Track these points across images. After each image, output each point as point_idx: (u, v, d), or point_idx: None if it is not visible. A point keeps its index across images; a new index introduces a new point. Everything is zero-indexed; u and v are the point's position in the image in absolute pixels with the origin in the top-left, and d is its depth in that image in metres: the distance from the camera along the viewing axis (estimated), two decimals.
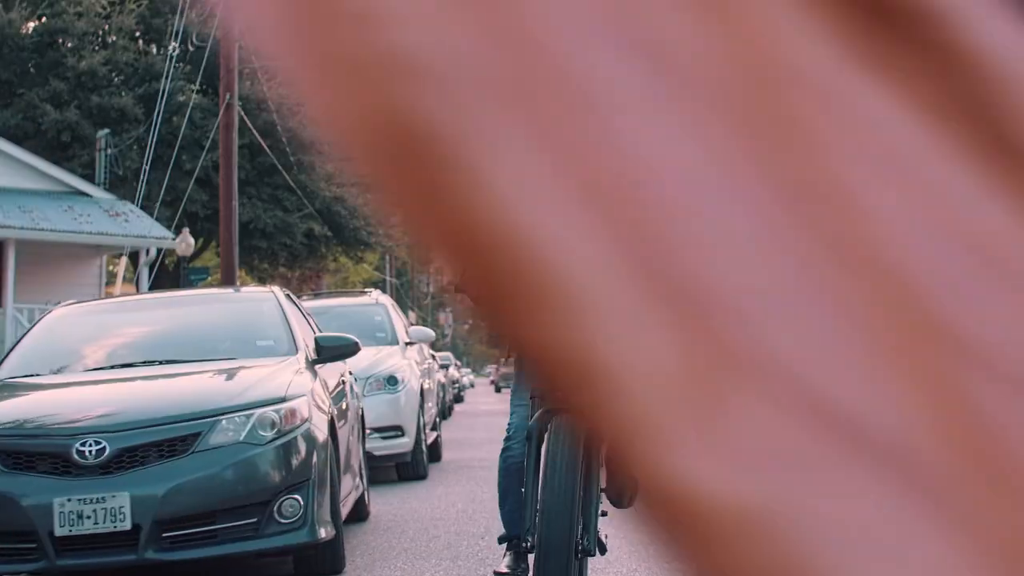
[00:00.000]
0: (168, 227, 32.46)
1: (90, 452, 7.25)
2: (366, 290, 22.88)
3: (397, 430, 14.41)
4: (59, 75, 35.00)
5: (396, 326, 16.92)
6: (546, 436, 6.05)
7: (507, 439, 6.86)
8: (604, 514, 6.53)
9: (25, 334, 9.54)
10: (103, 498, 7.18)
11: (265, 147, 33.07)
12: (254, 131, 30.68)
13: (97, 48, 36.06)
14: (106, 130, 33.47)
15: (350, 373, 10.68)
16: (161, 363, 8.68)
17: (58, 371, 8.82)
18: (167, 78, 31.05)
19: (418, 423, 15.17)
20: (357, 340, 9.57)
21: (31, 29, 35.39)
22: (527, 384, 6.50)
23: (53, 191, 29.18)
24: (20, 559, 7.38)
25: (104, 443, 7.27)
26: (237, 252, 26.71)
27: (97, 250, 30.31)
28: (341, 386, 9.70)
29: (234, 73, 25.75)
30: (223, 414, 7.58)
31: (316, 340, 9.18)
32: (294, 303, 10.11)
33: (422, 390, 16.11)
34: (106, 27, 36.51)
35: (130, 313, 10.08)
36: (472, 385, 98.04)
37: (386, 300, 17.94)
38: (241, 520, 7.50)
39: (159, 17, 37.28)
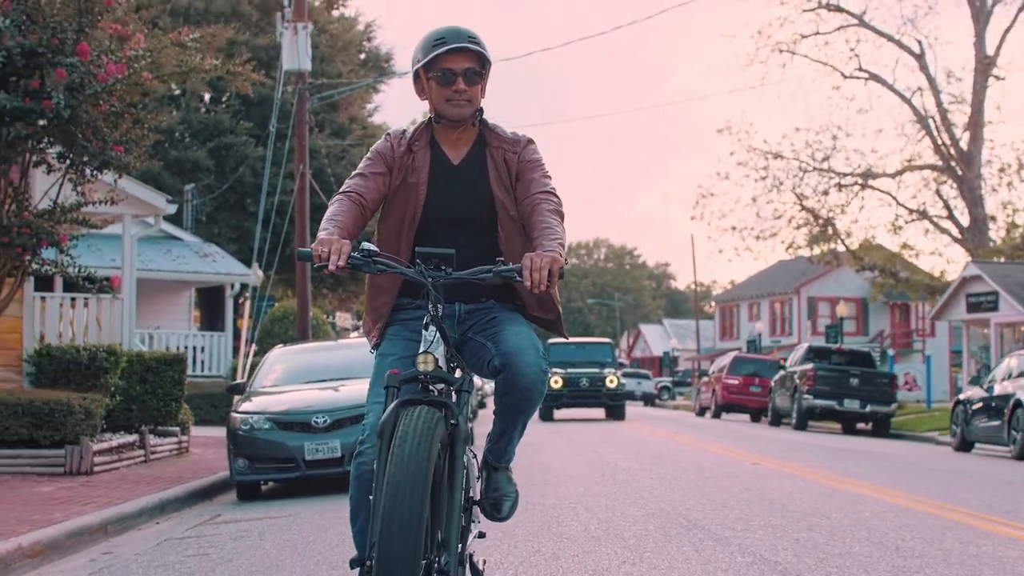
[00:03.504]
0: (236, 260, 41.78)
1: (321, 421, 16.60)
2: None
3: None
4: (135, 117, 44.15)
5: None
6: (393, 434, 5.43)
7: (360, 442, 6.23)
8: (482, 535, 6.23)
9: (260, 364, 19.08)
10: (327, 442, 16.52)
11: (317, 188, 42.08)
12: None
13: (174, 110, 45.37)
14: (192, 184, 42.93)
15: None
16: (342, 379, 18.09)
17: (286, 383, 18.26)
18: (270, 151, 39.63)
19: (465, 413, 24.59)
20: None
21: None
22: (385, 375, 5.96)
23: (152, 236, 38.50)
24: (287, 472, 16.77)
25: (327, 417, 16.64)
26: (310, 287, 36.12)
27: (187, 284, 39.76)
28: None
29: (306, 149, 35.12)
30: None
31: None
32: None
33: None
34: (181, 91, 45.84)
35: (316, 352, 19.69)
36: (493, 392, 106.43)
37: None
38: None
39: (223, 79, 46.70)
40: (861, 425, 39.97)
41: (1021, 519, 12.17)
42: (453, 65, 6.20)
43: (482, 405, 66.28)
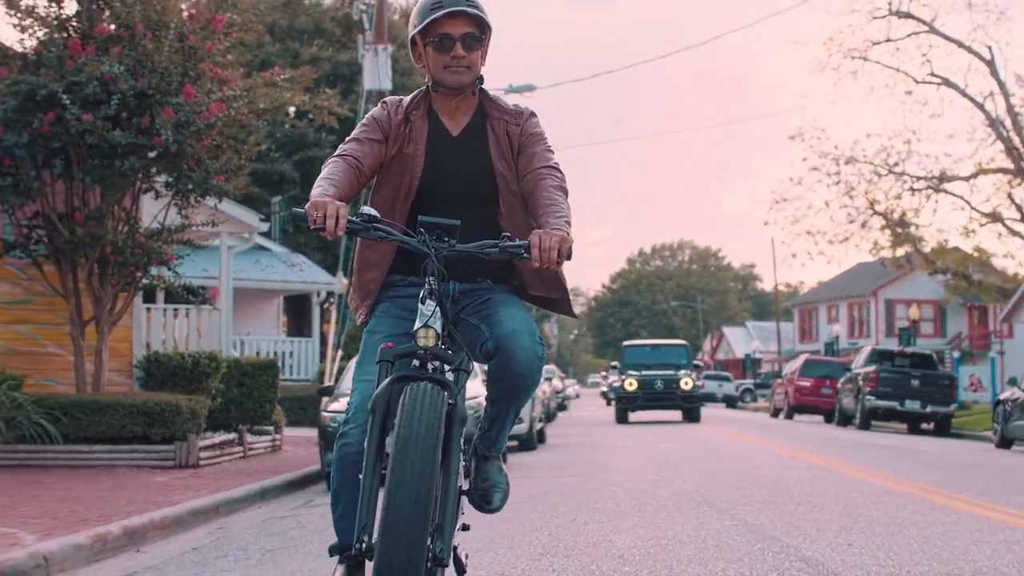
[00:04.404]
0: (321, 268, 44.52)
1: None
2: None
3: (519, 419, 26.10)
4: (233, 149, 47.28)
5: None
6: (399, 407, 5.19)
7: (345, 422, 5.95)
8: (467, 528, 6.05)
9: (347, 368, 21.69)
10: None
11: None
12: None
13: (263, 122, 48.21)
14: (279, 196, 45.72)
15: None
16: None
17: None
18: None
19: (531, 416, 27.03)
20: None
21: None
22: (375, 350, 5.72)
23: (243, 248, 41.35)
24: None
25: None
26: None
27: (276, 293, 42.57)
28: None
29: None
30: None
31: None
32: None
33: (533, 396, 27.88)
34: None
35: None
36: (578, 395, 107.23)
37: None
38: None
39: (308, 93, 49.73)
40: (925, 425, 42.15)
41: (986, 498, 14.58)
42: (451, 30, 6.04)
43: (562, 407, 68.48)
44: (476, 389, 16.78)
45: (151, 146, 19.23)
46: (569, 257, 5.62)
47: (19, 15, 19.74)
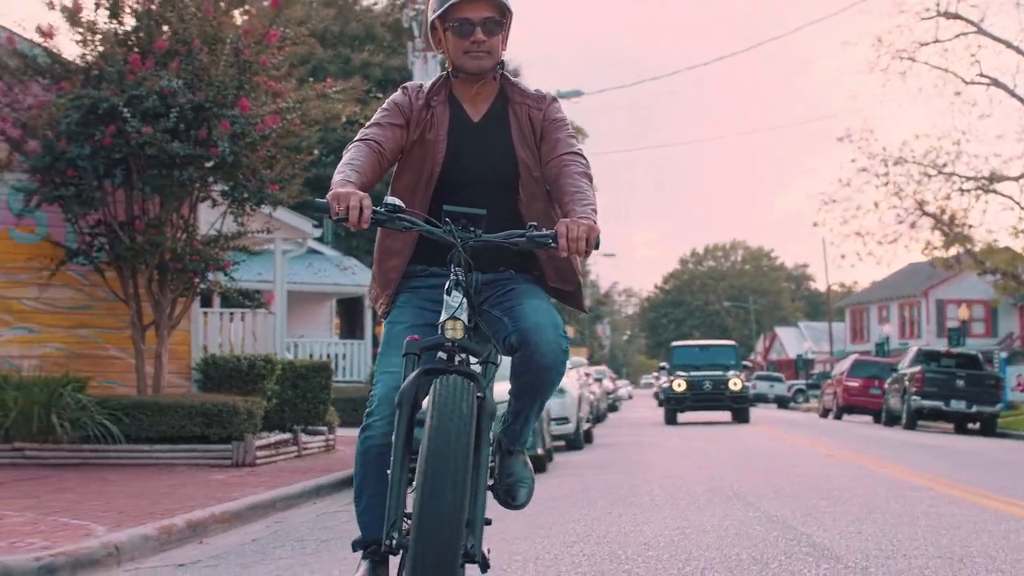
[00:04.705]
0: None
1: None
2: None
3: (565, 420, 26.86)
4: (287, 159, 48.19)
5: None
6: (430, 399, 5.14)
7: (368, 414, 5.91)
8: (488, 522, 5.58)
9: None
10: None
11: None
12: None
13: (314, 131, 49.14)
14: None
15: None
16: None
17: None
18: None
19: (577, 416, 27.75)
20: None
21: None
22: (400, 342, 5.67)
23: (297, 253, 42.19)
24: None
25: None
26: None
27: (328, 296, 43.42)
28: None
29: None
30: None
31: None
32: None
33: (580, 397, 28.66)
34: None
35: None
36: (630, 396, 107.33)
37: None
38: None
39: (360, 104, 50.59)
40: (971, 425, 42.67)
41: (1006, 493, 15.28)
42: (470, 14, 5.92)
43: (613, 408, 69.02)
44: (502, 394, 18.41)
45: (208, 157, 19.86)
46: (597, 246, 5.52)
47: (81, 31, 20.51)
